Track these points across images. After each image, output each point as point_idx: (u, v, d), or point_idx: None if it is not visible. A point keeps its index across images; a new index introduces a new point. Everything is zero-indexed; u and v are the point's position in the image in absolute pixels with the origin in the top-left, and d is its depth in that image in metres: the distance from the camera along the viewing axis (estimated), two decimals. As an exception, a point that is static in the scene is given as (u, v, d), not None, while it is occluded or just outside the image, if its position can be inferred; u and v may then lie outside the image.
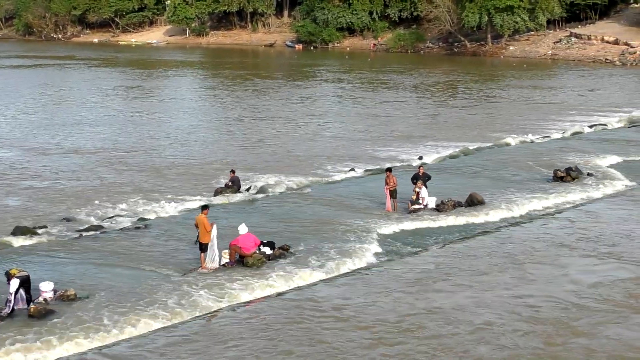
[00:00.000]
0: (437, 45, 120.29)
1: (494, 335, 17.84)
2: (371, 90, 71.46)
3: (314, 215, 28.67)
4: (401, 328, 18.26)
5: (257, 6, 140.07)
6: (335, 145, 43.32)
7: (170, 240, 25.86)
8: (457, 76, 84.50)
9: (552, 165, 36.25)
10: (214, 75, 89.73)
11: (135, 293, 20.56)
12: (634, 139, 44.98)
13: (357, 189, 33.09)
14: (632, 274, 21.69)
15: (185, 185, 33.86)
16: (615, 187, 33.21)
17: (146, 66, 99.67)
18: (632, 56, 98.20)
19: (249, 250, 23.00)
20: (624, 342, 17.48)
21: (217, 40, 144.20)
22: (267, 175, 35.35)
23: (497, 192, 31.70)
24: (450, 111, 57.64)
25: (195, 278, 21.88)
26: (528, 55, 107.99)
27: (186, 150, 41.89)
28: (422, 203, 29.45)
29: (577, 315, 18.85)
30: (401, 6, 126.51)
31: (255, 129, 49.30)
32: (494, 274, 21.88)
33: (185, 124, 51.61)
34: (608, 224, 27.10)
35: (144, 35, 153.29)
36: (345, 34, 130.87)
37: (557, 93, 69.22)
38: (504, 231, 26.82)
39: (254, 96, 66.67)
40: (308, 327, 18.46)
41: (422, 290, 20.71)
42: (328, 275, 22.40)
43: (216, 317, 19.33)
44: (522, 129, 48.69)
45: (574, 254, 23.66)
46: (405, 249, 25.20)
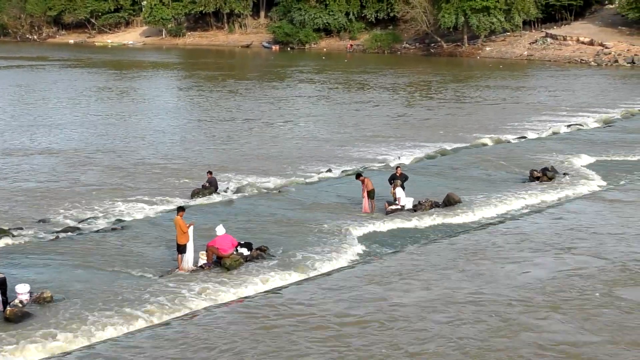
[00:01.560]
0: (414, 46, 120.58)
1: (449, 330, 18.07)
2: (348, 91, 71.50)
3: (291, 216, 28.68)
4: (370, 326, 18.31)
5: (234, 7, 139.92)
6: (313, 146, 43.32)
7: (147, 241, 25.79)
8: (433, 77, 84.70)
9: (528, 166, 36.41)
10: (190, 76, 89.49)
11: (112, 295, 20.49)
12: (610, 139, 45.25)
13: (335, 189, 33.10)
14: (594, 271, 21.97)
15: (162, 186, 33.75)
16: (591, 187, 33.41)
17: (122, 67, 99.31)
18: (607, 57, 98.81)
19: (227, 251, 22.96)
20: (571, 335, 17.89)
21: (193, 41, 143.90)
22: (245, 176, 35.30)
23: (473, 192, 31.80)
24: (426, 112, 57.77)
25: (172, 279, 21.82)
26: (504, 55, 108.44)
27: (163, 152, 41.74)
28: (399, 204, 29.50)
29: (526, 310, 19.18)
30: (378, 7, 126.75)
31: (232, 130, 49.20)
32: (462, 272, 22.03)
33: (162, 125, 51.42)
34: (580, 224, 27.28)
35: (120, 36, 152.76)
36: (322, 35, 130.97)
37: (533, 93, 69.54)
38: (480, 231, 26.91)
39: (230, 97, 66.56)
40: (286, 329, 18.44)
41: (394, 289, 20.74)
42: (306, 276, 22.42)
43: (194, 318, 19.28)
44: (499, 129, 48.86)
45: (541, 253, 23.78)
46: (383, 249, 25.26)
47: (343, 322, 18.65)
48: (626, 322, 18.42)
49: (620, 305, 19.46)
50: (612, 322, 18.46)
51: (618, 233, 25.80)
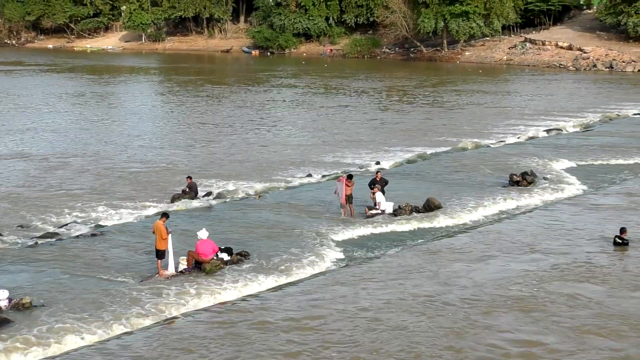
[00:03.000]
0: (394, 51, 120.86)
1: (411, 333, 18.37)
2: (327, 96, 71.55)
3: (271, 221, 28.66)
4: (344, 331, 18.40)
5: (214, 12, 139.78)
6: (292, 151, 43.30)
7: (127, 247, 25.70)
8: (413, 81, 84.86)
9: (508, 170, 36.53)
10: (169, 81, 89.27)
11: (92, 300, 20.41)
12: (588, 143, 45.48)
13: (314, 194, 33.09)
14: (566, 273, 22.42)
15: (142, 191, 33.64)
16: (570, 191, 33.58)
17: (100, 72, 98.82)
18: (585, 61, 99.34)
19: (207, 256, 22.93)
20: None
21: (173, 46, 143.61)
22: (225, 181, 35.27)
23: (454, 197, 31.88)
24: (406, 116, 57.87)
25: (152, 285, 21.76)
26: (483, 60, 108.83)
27: (142, 157, 41.61)
28: (380, 208, 29.52)
29: (485, 311, 19.58)
30: (357, 12, 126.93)
31: (212, 135, 49.12)
32: (436, 275, 22.33)
33: (141, 130, 51.24)
34: (557, 228, 27.53)
35: (99, 41, 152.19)
36: (301, 40, 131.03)
37: (512, 98, 69.83)
38: (460, 235, 27.07)
39: (209, 102, 66.46)
40: (265, 334, 18.45)
41: (371, 294, 20.87)
42: (285, 280, 22.42)
43: (174, 324, 19.24)
44: (479, 133, 49.02)
45: (516, 256, 24.10)
46: (363, 254, 25.27)
47: (322, 327, 18.69)
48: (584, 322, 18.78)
49: (586, 305, 19.70)
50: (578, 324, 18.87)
51: (593, 238, 26.07)
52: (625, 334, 18.35)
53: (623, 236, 25.23)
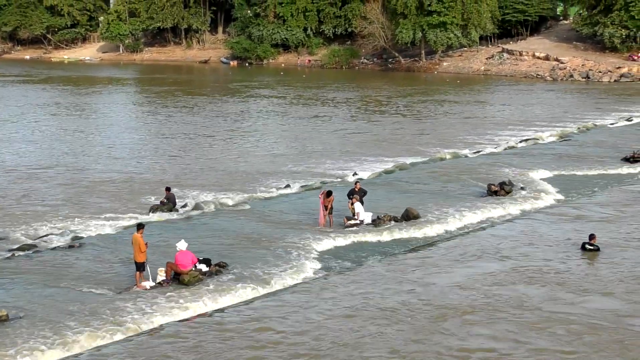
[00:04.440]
0: (372, 61, 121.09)
1: (380, 341, 18.65)
2: (305, 106, 71.52)
3: (250, 231, 28.61)
4: (325, 341, 18.39)
5: (192, 22, 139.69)
6: (271, 161, 43.25)
7: (105, 258, 25.60)
8: (391, 92, 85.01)
9: (486, 180, 36.67)
10: (147, 91, 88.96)
11: (70, 313, 20.30)
12: (565, 152, 45.71)
13: (293, 204, 33.10)
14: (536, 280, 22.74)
15: (119, 203, 33.48)
16: (547, 200, 33.75)
17: (77, 83, 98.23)
18: (562, 72, 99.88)
19: (186, 267, 22.86)
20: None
21: (151, 57, 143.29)
22: (203, 192, 35.17)
23: (432, 207, 31.96)
24: (384, 127, 57.93)
25: (130, 297, 21.67)
26: (461, 70, 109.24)
27: (120, 168, 41.41)
28: (358, 218, 29.55)
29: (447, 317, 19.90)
30: (335, 22, 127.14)
31: (189, 145, 48.98)
32: (413, 286, 22.46)
33: (118, 141, 51.01)
34: (533, 237, 27.79)
35: (76, 52, 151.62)
36: (280, 51, 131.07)
37: (490, 108, 70.11)
38: (437, 245, 27.18)
39: (187, 113, 66.27)
40: (241, 346, 18.43)
41: (349, 304, 20.93)
42: (264, 291, 22.42)
43: (151, 336, 19.17)
44: (456, 143, 49.15)
45: (491, 264, 24.35)
46: (341, 264, 25.30)
47: (300, 337, 18.70)
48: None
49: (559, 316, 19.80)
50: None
51: (566, 246, 26.31)
52: (562, 337, 18.94)
53: (592, 242, 25.71)
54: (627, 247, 26.24)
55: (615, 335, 19.04)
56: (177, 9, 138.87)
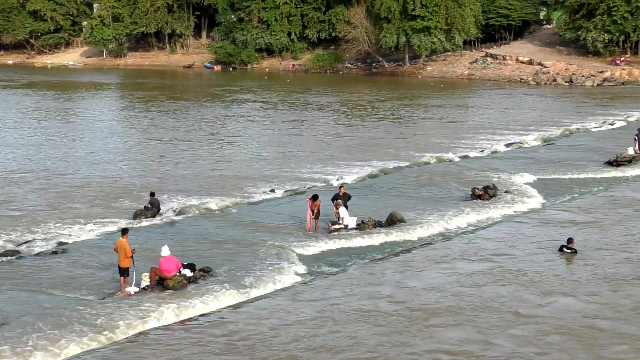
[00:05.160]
0: (356, 66, 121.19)
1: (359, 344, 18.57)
2: (289, 111, 71.49)
3: (234, 236, 28.58)
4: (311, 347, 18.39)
5: (176, 27, 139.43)
6: (255, 166, 43.19)
7: (89, 264, 25.53)
8: (375, 96, 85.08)
9: (470, 184, 36.75)
10: (131, 96, 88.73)
11: (53, 319, 20.23)
12: (549, 157, 45.84)
13: (278, 209, 33.09)
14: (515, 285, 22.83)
15: (103, 208, 33.37)
16: (530, 204, 33.83)
17: (60, 88, 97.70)
18: (545, 76, 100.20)
19: (170, 272, 22.81)
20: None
21: (135, 62, 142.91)
22: (187, 197, 35.07)
23: (416, 211, 32.01)
24: (368, 131, 57.94)
25: (114, 302, 21.60)
26: (445, 75, 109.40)
27: (103, 173, 41.24)
28: (343, 223, 29.55)
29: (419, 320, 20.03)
30: (319, 27, 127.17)
31: (174, 150, 48.88)
32: (394, 289, 22.56)
33: (103, 146, 50.80)
34: (514, 240, 27.94)
35: (60, 57, 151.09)
36: (264, 55, 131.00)
37: (474, 112, 70.23)
38: (421, 249, 27.20)
39: (171, 118, 66.11)
40: (226, 351, 18.38)
41: (334, 307, 20.96)
42: (249, 296, 22.40)
43: (135, 342, 19.12)
44: (441, 148, 49.19)
45: (472, 266, 24.36)
46: (326, 269, 25.30)
47: (285, 342, 18.70)
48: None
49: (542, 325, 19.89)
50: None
51: (545, 249, 26.39)
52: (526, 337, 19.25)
53: (570, 245, 26.05)
54: (604, 251, 26.41)
55: (582, 335, 19.30)
56: (161, 14, 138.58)
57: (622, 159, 42.43)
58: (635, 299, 21.81)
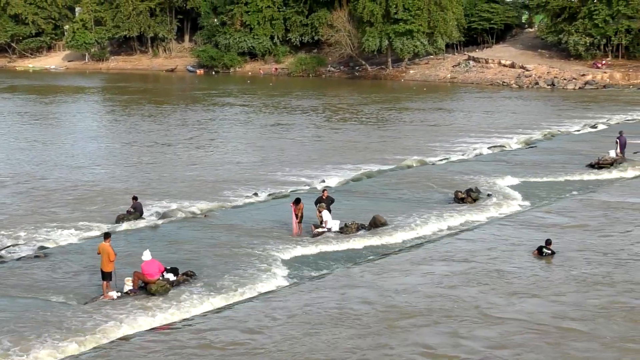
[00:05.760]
0: (339, 69, 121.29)
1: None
2: (271, 114, 71.50)
3: (218, 240, 28.54)
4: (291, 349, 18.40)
5: (158, 31, 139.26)
6: (238, 170, 43.15)
7: (72, 268, 25.42)
8: (358, 100, 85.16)
9: (453, 187, 36.80)
10: (113, 100, 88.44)
11: (35, 323, 20.13)
12: (531, 159, 45.98)
13: (261, 213, 33.04)
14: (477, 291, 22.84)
15: (86, 212, 33.25)
16: (513, 207, 33.97)
17: (42, 92, 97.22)
18: (527, 79, 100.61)
19: (153, 276, 22.74)
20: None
21: (117, 66, 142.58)
22: (170, 201, 34.98)
23: (399, 214, 32.03)
24: (351, 134, 58.00)
25: (97, 307, 21.53)
26: (428, 78, 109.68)
27: (86, 177, 41.10)
28: (326, 226, 29.56)
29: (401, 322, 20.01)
30: (302, 31, 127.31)
31: (156, 154, 48.77)
32: (378, 291, 22.51)
33: (85, 150, 50.63)
34: (496, 243, 28.03)
35: (41, 61, 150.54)
36: (246, 59, 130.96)
37: (456, 116, 70.38)
38: (404, 252, 27.23)
39: (153, 121, 66.00)
40: (209, 354, 18.37)
41: (317, 311, 20.99)
42: (232, 300, 22.37)
43: (117, 347, 19.03)
44: (424, 151, 49.28)
45: (447, 270, 24.42)
46: (309, 272, 25.31)
47: (257, 346, 18.71)
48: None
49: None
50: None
51: (525, 251, 26.45)
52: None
53: (549, 247, 26.22)
54: (583, 252, 26.46)
55: (550, 334, 19.43)
56: (144, 18, 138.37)
57: (604, 162, 42.61)
58: (606, 299, 21.90)
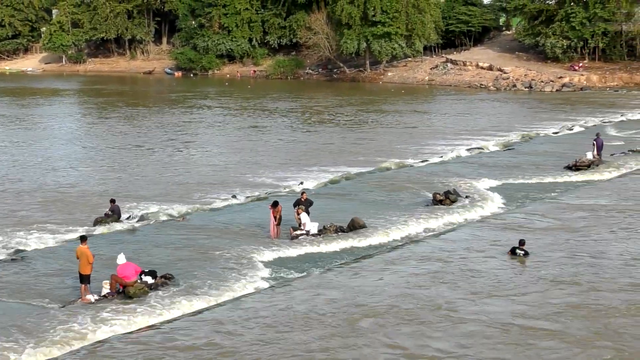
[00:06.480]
0: (317, 72, 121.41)
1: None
2: (249, 117, 71.43)
3: (196, 243, 28.44)
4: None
5: (136, 33, 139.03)
6: (216, 172, 43.05)
7: (49, 271, 25.28)
8: (336, 102, 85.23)
9: (431, 189, 36.87)
10: (89, 102, 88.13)
11: (12, 327, 20.00)
12: (509, 162, 46.13)
13: (239, 215, 32.99)
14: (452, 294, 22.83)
15: (63, 215, 33.06)
16: (491, 209, 34.08)
17: (18, 94, 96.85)
18: (505, 82, 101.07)
19: (130, 278, 22.64)
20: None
21: (94, 68, 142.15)
22: (148, 204, 34.82)
23: (378, 216, 32.05)
24: (329, 137, 58.03)
25: (75, 310, 21.41)
26: (406, 81, 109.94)
27: (63, 179, 40.88)
28: (304, 229, 29.53)
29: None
30: (280, 33, 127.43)
31: (132, 156, 48.59)
32: (353, 293, 22.50)
33: (61, 153, 50.32)
34: (472, 244, 28.14)
35: (18, 63, 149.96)
36: (225, 61, 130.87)
37: (434, 118, 70.56)
38: (383, 255, 27.21)
39: (129, 124, 65.75)
40: (186, 357, 18.30)
41: (294, 314, 21.00)
42: (210, 303, 22.28)
43: (94, 351, 18.91)
44: (402, 153, 49.34)
45: (424, 271, 24.40)
46: (286, 275, 25.25)
47: (239, 349, 18.65)
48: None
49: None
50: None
51: (500, 252, 26.47)
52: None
53: (522, 247, 26.38)
54: (556, 253, 26.53)
55: (517, 335, 19.53)
56: (121, 20, 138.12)
57: (581, 164, 42.81)
58: (571, 299, 22.02)
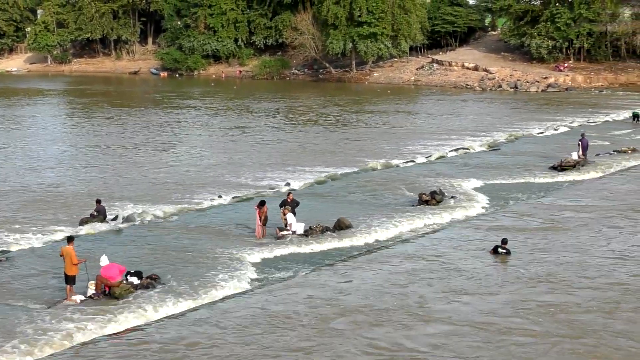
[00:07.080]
0: (303, 72, 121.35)
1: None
2: (235, 117, 71.36)
3: (182, 243, 28.42)
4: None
5: (121, 33, 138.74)
6: (202, 173, 42.97)
7: (34, 272, 25.21)
8: (322, 102, 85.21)
9: (417, 189, 36.92)
10: (74, 103, 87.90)
11: (-4, 328, 19.94)
12: (495, 162, 46.23)
13: (225, 216, 32.96)
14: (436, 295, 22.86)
15: (48, 215, 32.96)
16: (476, 209, 34.14)
17: (4, 94, 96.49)
18: (491, 82, 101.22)
19: (115, 279, 22.59)
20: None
21: (80, 68, 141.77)
22: (134, 204, 34.74)
23: (364, 217, 32.08)
24: (315, 137, 58.02)
25: (60, 311, 21.35)
26: (392, 81, 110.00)
27: (48, 180, 40.77)
28: (291, 229, 29.54)
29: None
30: (266, 33, 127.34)
31: (118, 157, 48.45)
32: (337, 293, 22.53)
33: (46, 153, 50.15)
34: (458, 244, 28.23)
35: (3, 63, 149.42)
36: (210, 61, 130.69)
37: (420, 118, 70.59)
38: (369, 255, 27.23)
39: (114, 124, 65.56)
40: (173, 357, 18.28)
41: (279, 315, 21.02)
42: (195, 304, 22.27)
43: (78, 352, 18.88)
44: (388, 153, 49.33)
45: (408, 270, 24.38)
46: (272, 275, 25.27)
47: (223, 350, 18.63)
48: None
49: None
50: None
51: (484, 251, 26.54)
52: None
53: (504, 246, 26.57)
54: (537, 253, 26.63)
55: (491, 333, 19.66)
56: (106, 20, 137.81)
57: (566, 164, 42.94)
58: (547, 297, 22.16)
